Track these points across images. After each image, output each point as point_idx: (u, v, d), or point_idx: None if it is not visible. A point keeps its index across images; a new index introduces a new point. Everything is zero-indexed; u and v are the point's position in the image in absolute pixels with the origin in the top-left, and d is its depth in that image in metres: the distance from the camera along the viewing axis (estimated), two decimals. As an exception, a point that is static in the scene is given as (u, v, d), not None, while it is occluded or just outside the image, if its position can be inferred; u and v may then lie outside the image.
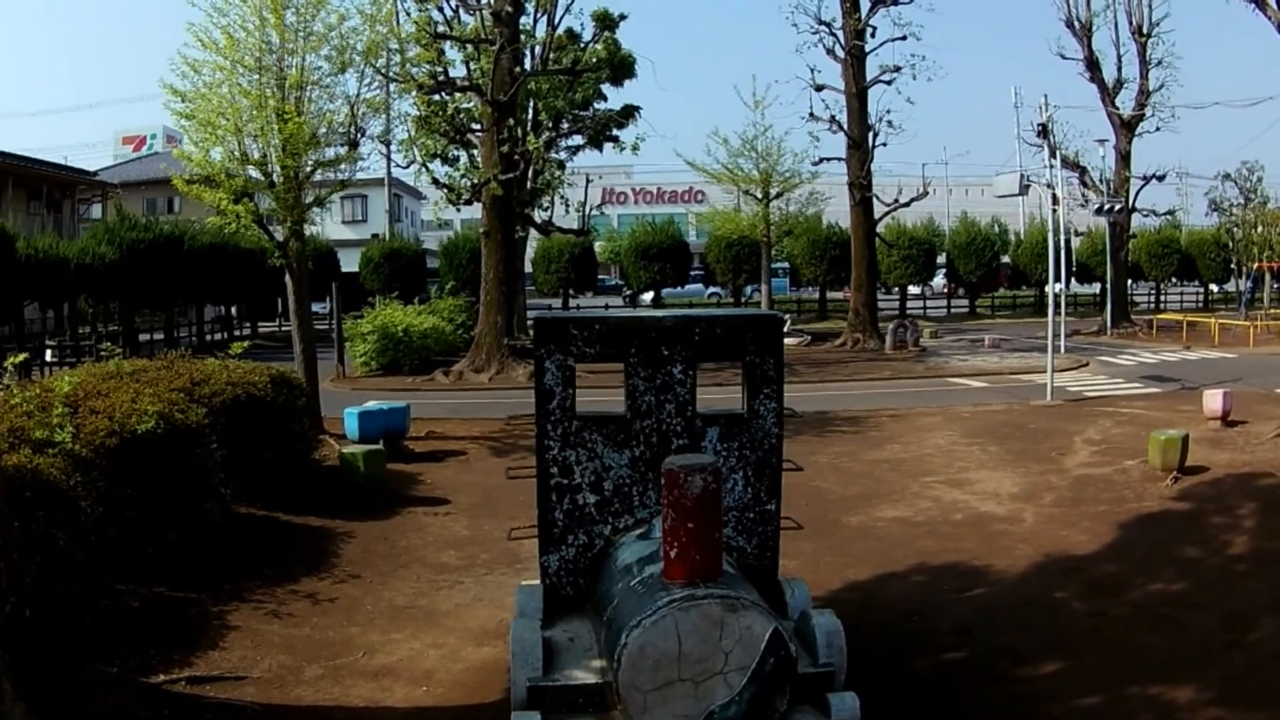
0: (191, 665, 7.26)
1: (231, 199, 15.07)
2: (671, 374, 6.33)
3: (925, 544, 10.75)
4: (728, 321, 6.55)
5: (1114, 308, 38.33)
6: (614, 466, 6.35)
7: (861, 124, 34.22)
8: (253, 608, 8.47)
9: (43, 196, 40.81)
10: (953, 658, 7.77)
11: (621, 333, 6.35)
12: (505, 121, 25.12)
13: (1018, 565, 9.97)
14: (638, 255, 47.56)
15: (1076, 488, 13.01)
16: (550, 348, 6.22)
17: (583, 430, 6.31)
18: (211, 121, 14.97)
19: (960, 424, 17.89)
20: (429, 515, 11.94)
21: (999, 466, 14.39)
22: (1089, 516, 11.68)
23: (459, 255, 43.65)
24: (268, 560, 9.68)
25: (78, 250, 30.16)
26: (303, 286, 16.18)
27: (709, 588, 5.05)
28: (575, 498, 6.34)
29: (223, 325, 41.56)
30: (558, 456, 6.30)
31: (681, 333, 6.33)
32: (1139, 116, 37.86)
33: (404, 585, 9.42)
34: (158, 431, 8.95)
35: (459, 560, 10.25)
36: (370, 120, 16.58)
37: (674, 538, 5.13)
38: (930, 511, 12.12)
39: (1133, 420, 17.57)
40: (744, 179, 37.99)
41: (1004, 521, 11.60)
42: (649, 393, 6.32)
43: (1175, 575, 9.51)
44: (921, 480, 13.63)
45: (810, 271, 48.01)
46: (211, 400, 10.65)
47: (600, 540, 6.37)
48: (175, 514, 9.14)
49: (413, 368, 27.38)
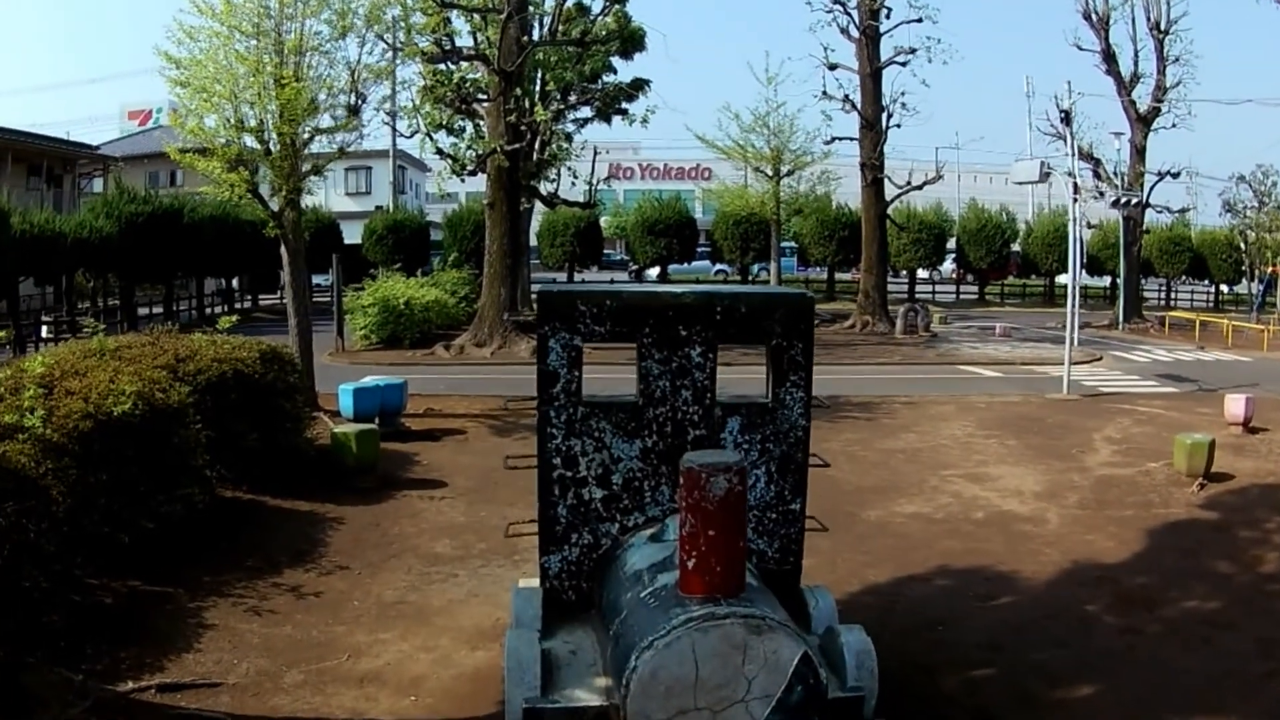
0: (163, 670, 6.74)
1: (226, 167, 14.48)
2: (689, 357, 5.77)
3: (947, 544, 10.23)
4: (753, 300, 5.96)
5: (1126, 303, 37.76)
6: (623, 458, 5.81)
7: (875, 104, 33.65)
8: (232, 603, 7.94)
9: (42, 171, 40.10)
10: (983, 675, 7.24)
11: (635, 310, 5.77)
12: (512, 92, 24.47)
13: (1045, 571, 9.47)
14: (644, 230, 46.90)
15: (1100, 489, 12.52)
16: (555, 325, 5.66)
17: (589, 417, 5.76)
18: (206, 88, 14.34)
19: (975, 414, 17.36)
20: (424, 499, 11.38)
21: (1019, 462, 13.88)
22: (1115, 521, 11.21)
23: (463, 228, 43.02)
24: (251, 549, 9.16)
25: (74, 225, 29.55)
26: (298, 258, 15.55)
27: (731, 605, 4.51)
28: (580, 492, 5.80)
29: (224, 298, 40.93)
30: (561, 446, 5.75)
31: (702, 311, 5.76)
32: (1155, 111, 37.27)
33: (394, 578, 8.87)
34: (135, 413, 8.41)
35: (454, 550, 9.70)
36: (372, 87, 15.92)
37: (692, 546, 4.59)
38: (951, 508, 11.60)
39: (1152, 420, 17.22)
40: (755, 155, 37.26)
41: (1028, 522, 11.08)
42: (664, 377, 5.77)
43: (1207, 592, 9.10)
44: (940, 474, 13.10)
45: (819, 252, 47.28)
46: (196, 378, 10.09)
47: (607, 540, 5.84)
48: (154, 500, 8.62)
49: (413, 341, 26.84)
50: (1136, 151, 37.63)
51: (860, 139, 34.13)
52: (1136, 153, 37.64)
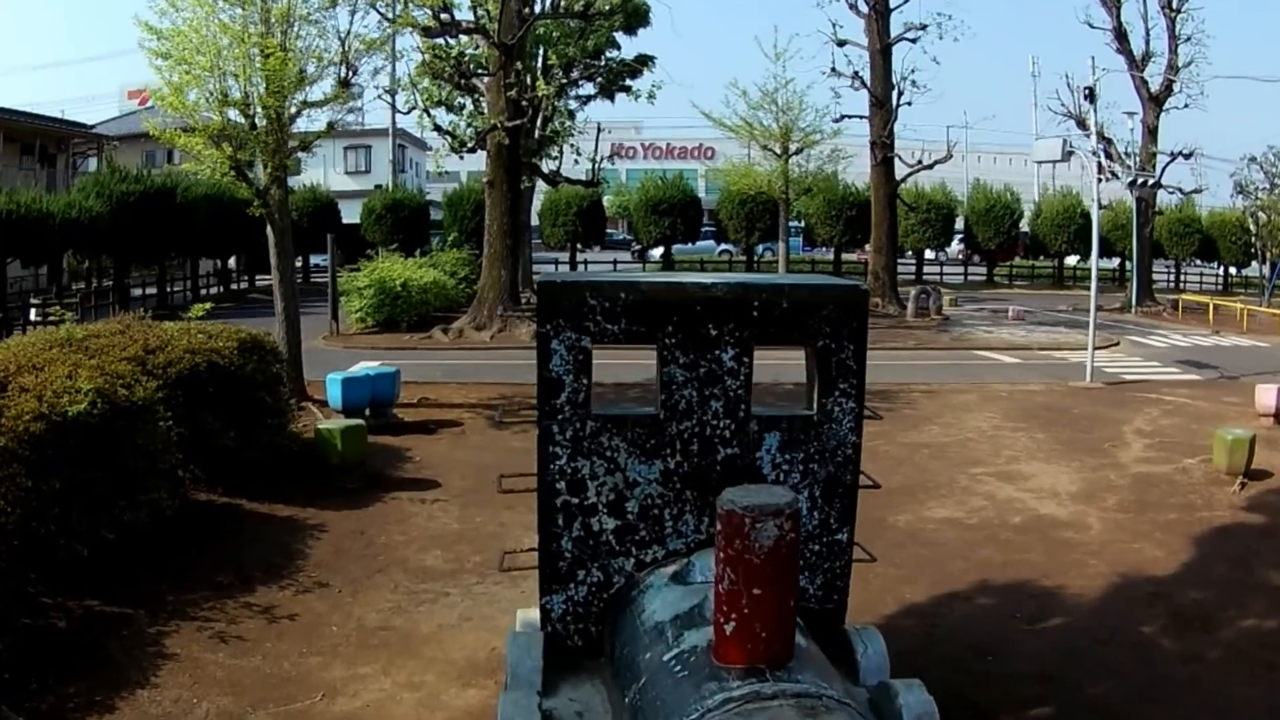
0: (114, 710, 5.96)
1: (209, 143, 13.62)
2: (721, 361, 4.82)
3: (985, 554, 9.40)
4: (798, 293, 4.99)
5: (1139, 286, 36.92)
6: (640, 482, 4.88)
7: (885, 81, 32.82)
8: (197, 627, 7.12)
9: (35, 151, 39.20)
10: (1039, 715, 6.44)
11: (656, 305, 4.80)
12: (513, 66, 23.52)
13: (1093, 587, 8.66)
14: (648, 210, 45.94)
15: (1139, 489, 11.72)
16: (559, 323, 4.69)
17: (600, 434, 4.82)
18: (188, 59, 13.44)
19: (999, 404, 16.53)
20: (414, 502, 10.51)
21: (1051, 458, 13.06)
22: (1159, 526, 10.42)
23: (463, 207, 42.12)
24: (223, 562, 8.32)
25: (63, 205, 28.74)
26: (285, 239, 14.66)
27: (779, 681, 3.60)
28: (589, 522, 4.88)
29: (220, 279, 40.01)
30: (566, 468, 4.82)
31: (736, 306, 4.82)
32: (1167, 91, 36.42)
33: (378, 597, 8.01)
34: (94, 413, 7.60)
35: (445, 563, 8.84)
36: (364, 59, 14.97)
37: (732, 607, 3.65)
38: (985, 512, 10.77)
39: (1180, 411, 16.52)
40: (763, 133, 36.20)
41: (1068, 528, 10.26)
42: (690, 385, 4.83)
43: (1265, 608, 8.33)
44: (969, 471, 12.26)
45: (825, 232, 46.29)
46: (167, 371, 9.26)
47: (620, 577, 4.92)
48: (116, 508, 7.82)
49: (411, 324, 26.00)
50: (1149, 131, 36.77)
51: (870, 117, 33.28)
52: (1149, 132, 36.79)
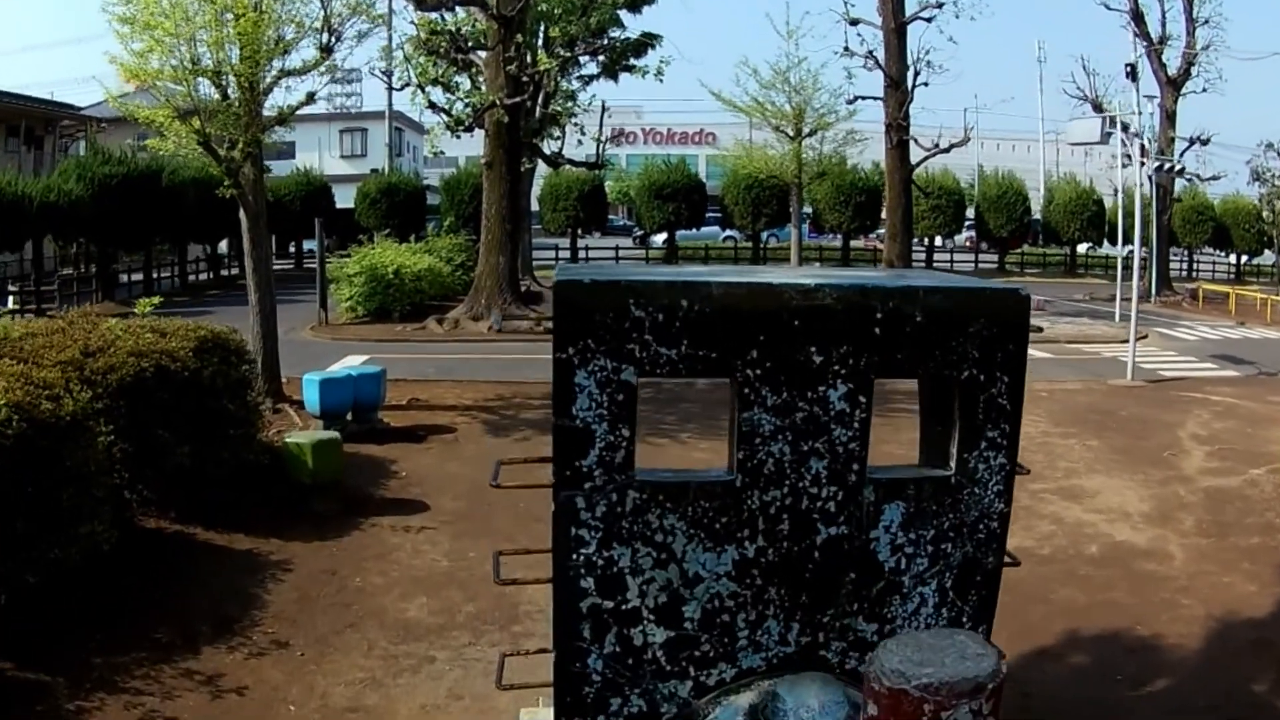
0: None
1: (175, 116, 12.29)
2: (827, 401, 3.43)
3: (1066, 594, 8.05)
4: (937, 301, 3.49)
5: (1158, 274, 35.81)
6: (706, 577, 3.46)
7: (900, 61, 31.29)
8: (125, 703, 5.72)
9: (20, 133, 37.89)
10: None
11: (735, 318, 3.33)
12: (512, 39, 22.10)
13: (1190, 635, 7.36)
14: (651, 195, 44.61)
15: (1213, 507, 10.45)
16: (588, 345, 3.25)
17: (647, 509, 3.38)
18: (151, 23, 12.08)
19: (1041, 405, 15.17)
20: (397, 531, 9.08)
21: (1111, 470, 11.77)
22: (1244, 554, 9.15)
23: (461, 191, 40.78)
24: (165, 613, 6.91)
25: (41, 188, 27.48)
26: (259, 223, 13.23)
27: None
28: (628, 634, 3.47)
29: (210, 265, 38.63)
30: (596, 559, 3.40)
31: (851, 319, 3.38)
32: (1185, 74, 35.51)
33: (348, 663, 6.52)
34: (7, 433, 6.28)
35: (432, 615, 7.36)
36: (349, 22, 13.57)
37: None
38: (1056, 540, 9.41)
39: (1231, 412, 15.43)
40: (775, 114, 34.76)
41: (1149, 558, 8.95)
42: (782, 437, 3.41)
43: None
44: (1029, 488, 10.77)
45: (834, 218, 44.87)
46: (107, 378, 7.91)
47: (671, 705, 3.51)
48: (40, 546, 6.52)
49: (404, 314, 24.66)
50: (1167, 116, 35.76)
51: (885, 98, 31.81)
52: (1167, 117, 35.79)
